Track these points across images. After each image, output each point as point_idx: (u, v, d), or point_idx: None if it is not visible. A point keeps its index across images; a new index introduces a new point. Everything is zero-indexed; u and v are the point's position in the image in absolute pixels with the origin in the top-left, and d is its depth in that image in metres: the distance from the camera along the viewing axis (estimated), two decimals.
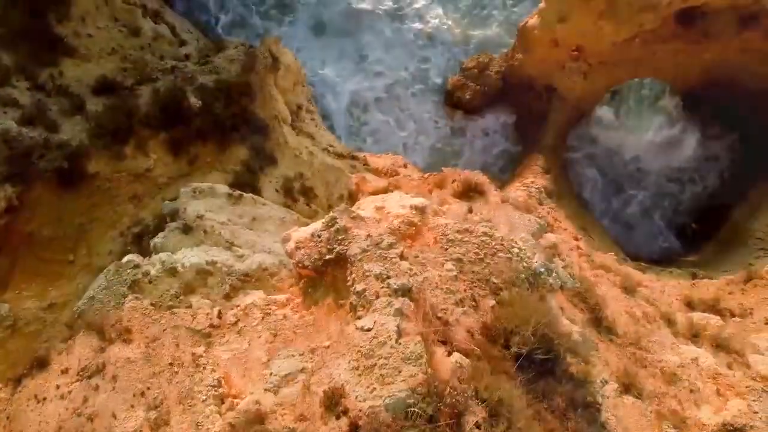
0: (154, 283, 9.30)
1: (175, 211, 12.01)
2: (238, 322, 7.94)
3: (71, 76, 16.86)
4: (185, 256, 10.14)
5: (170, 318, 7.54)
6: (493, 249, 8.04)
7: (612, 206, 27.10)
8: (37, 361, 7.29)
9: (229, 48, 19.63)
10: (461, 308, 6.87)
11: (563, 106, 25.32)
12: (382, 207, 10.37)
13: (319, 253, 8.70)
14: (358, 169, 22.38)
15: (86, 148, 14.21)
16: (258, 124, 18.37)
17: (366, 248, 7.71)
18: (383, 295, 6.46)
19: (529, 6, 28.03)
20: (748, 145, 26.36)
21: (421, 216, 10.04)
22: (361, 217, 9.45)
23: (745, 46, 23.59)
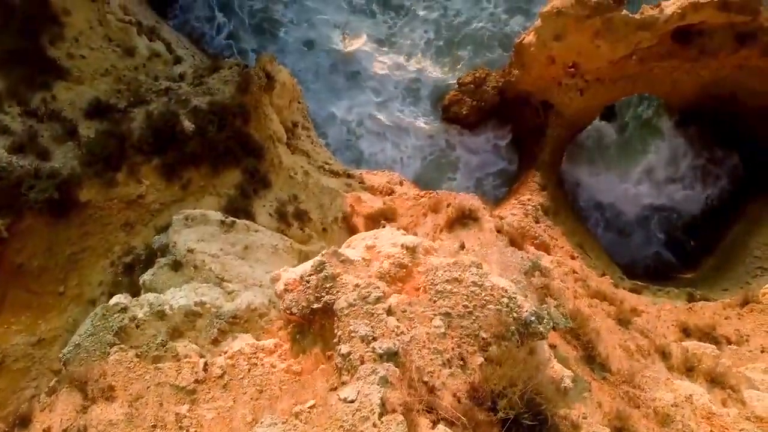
0: (141, 328, 9.20)
1: (165, 247, 11.89)
2: (224, 375, 7.84)
3: (64, 100, 16.77)
4: (174, 297, 10.04)
5: (155, 374, 7.44)
6: (483, 300, 7.95)
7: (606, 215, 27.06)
8: (19, 418, 7.20)
9: (223, 68, 19.52)
10: (448, 369, 6.78)
11: (560, 122, 25.24)
12: (373, 246, 10.28)
13: (307, 301, 8.60)
14: (354, 187, 22.29)
15: (78, 176, 14.13)
16: (252, 146, 18.25)
17: (353, 302, 7.62)
18: (368, 361, 6.37)
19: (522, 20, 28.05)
20: (746, 161, 26.27)
21: (411, 256, 9.95)
22: (350, 260, 9.36)
23: (742, 63, 23.54)
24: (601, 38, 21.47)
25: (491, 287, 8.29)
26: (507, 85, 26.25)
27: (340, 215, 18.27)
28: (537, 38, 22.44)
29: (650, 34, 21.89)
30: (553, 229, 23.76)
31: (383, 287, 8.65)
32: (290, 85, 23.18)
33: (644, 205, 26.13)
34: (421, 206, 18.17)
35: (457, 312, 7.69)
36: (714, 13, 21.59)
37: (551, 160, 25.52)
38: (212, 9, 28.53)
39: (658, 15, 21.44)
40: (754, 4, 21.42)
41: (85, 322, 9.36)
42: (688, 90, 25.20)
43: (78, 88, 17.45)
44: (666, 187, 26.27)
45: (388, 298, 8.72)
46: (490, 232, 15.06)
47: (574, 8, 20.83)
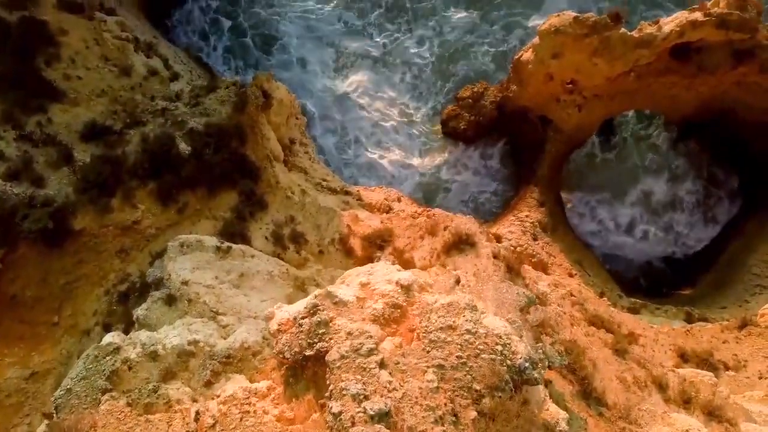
0: (134, 370, 9.14)
1: (160, 280, 11.82)
2: (216, 425, 7.77)
3: (60, 123, 16.72)
4: (167, 335, 9.98)
5: (145, 427, 7.38)
6: (476, 350, 7.88)
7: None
8: None
9: (220, 88, 19.46)
10: (441, 427, 6.72)
11: (558, 138, 25.16)
12: (368, 283, 10.23)
13: (300, 346, 8.56)
14: (351, 204, 22.19)
15: (72, 203, 14.07)
16: (249, 167, 18.18)
17: (345, 354, 7.56)
18: (359, 423, 6.31)
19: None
20: (745, 176, 26.20)
21: (406, 294, 9.91)
22: (343, 301, 9.31)
23: (740, 79, 23.48)
24: (599, 56, 21.41)
25: (485, 334, 8.22)
26: (505, 100, 26.17)
27: (336, 236, 18.15)
28: (535, 56, 22.38)
29: (648, 52, 21.82)
30: (552, 245, 23.68)
31: (376, 333, 8.59)
32: (288, 101, 23.10)
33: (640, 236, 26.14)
34: (418, 227, 18.07)
35: (450, 363, 7.62)
36: (712, 30, 21.53)
37: (550, 176, 25.43)
38: (208, 23, 28.47)
39: (657, 33, 21.38)
40: (752, 22, 21.35)
41: (77, 363, 9.29)
42: (686, 105, 25.13)
43: (74, 110, 17.40)
44: (664, 213, 26.20)
45: (382, 342, 8.67)
46: (487, 258, 15.01)
47: (572, 27, 20.76)
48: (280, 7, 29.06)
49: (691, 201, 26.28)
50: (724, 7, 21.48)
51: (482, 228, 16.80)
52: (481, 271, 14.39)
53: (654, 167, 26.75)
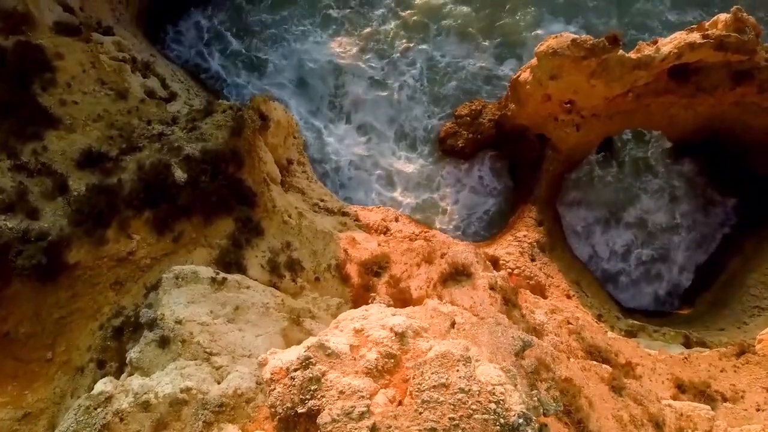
0: (125, 422, 9.09)
1: (153, 321, 11.76)
2: None
3: (55, 150, 16.66)
4: (159, 382, 9.92)
5: None
6: (469, 410, 7.83)
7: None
8: None
9: (216, 112, 19.36)
10: None
11: (556, 156, 25.12)
12: (362, 330, 10.19)
13: (292, 402, 8.50)
14: (349, 225, 22.15)
15: (67, 236, 14.00)
16: (245, 192, 18.13)
17: (336, 418, 7.51)
18: None
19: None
20: (744, 195, 26.15)
21: (401, 342, 9.87)
22: (336, 353, 9.26)
23: (739, 99, 23.44)
24: (597, 78, 21.35)
25: (479, 392, 8.17)
26: (503, 118, 26.12)
27: (333, 262, 18.11)
28: (533, 76, 22.32)
29: (646, 73, 21.76)
30: (550, 265, 23.63)
31: (369, 388, 8.55)
32: (285, 122, 23.07)
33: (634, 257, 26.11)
34: (415, 252, 18.03)
35: (443, 426, 7.57)
36: (711, 52, 21.47)
37: (547, 194, 25.39)
38: (205, 40, 28.44)
39: (655, 54, 21.32)
40: (750, 44, 21.29)
41: (68, 414, 9.23)
42: (685, 124, 25.07)
43: (70, 137, 17.33)
44: (661, 234, 26.15)
45: (375, 395, 8.62)
46: (483, 290, 14.97)
47: (570, 49, 20.70)
48: (278, 26, 29.01)
49: (688, 222, 26.21)
50: (722, 29, 21.44)
51: (478, 256, 16.74)
52: (477, 305, 14.36)
53: (652, 188, 26.69)
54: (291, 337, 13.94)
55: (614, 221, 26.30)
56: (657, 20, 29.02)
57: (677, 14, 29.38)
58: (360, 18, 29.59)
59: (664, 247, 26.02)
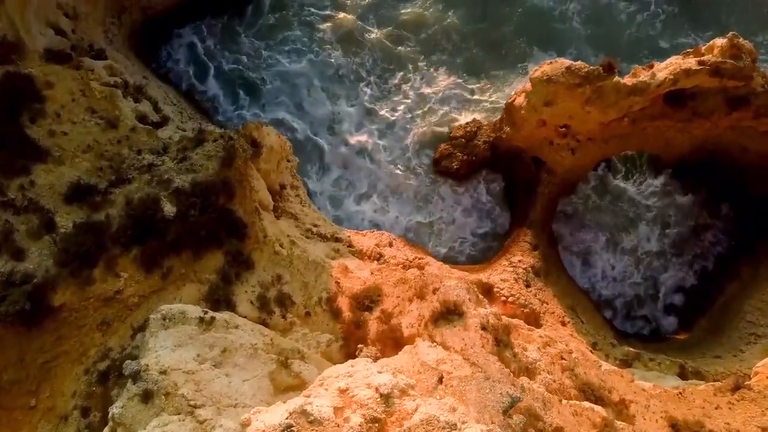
0: None
1: (137, 373, 11.58)
2: None
3: (43, 184, 16.50)
4: None
5: None
6: None
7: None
8: None
9: (207, 141, 19.20)
10: None
11: (552, 180, 24.96)
12: (346, 390, 10.05)
13: None
14: (342, 252, 21.99)
15: (52, 278, 13.82)
16: (236, 223, 17.95)
17: None
18: None
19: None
20: (741, 219, 26.00)
21: (386, 404, 9.75)
22: (319, 420, 9.09)
23: (735, 123, 23.29)
24: (592, 105, 21.20)
25: None
26: (498, 141, 25.97)
27: (324, 295, 17.93)
28: (527, 102, 22.17)
29: (642, 99, 21.61)
30: (545, 291, 23.46)
31: None
32: (278, 146, 22.87)
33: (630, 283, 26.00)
34: (407, 286, 17.84)
35: None
36: (706, 78, 21.32)
37: (543, 218, 25.21)
38: (198, 61, 28.29)
39: (650, 81, 21.17)
40: (746, 70, 21.13)
41: None
42: (681, 147, 24.95)
43: (58, 170, 17.16)
44: (656, 257, 26.02)
45: None
46: (475, 331, 14.76)
47: (565, 77, 20.54)
48: (271, 48, 28.89)
49: (683, 244, 26.07)
50: (718, 54, 21.29)
51: (471, 291, 16.54)
52: (468, 348, 14.15)
53: (646, 210, 26.54)
54: (279, 380, 13.76)
55: (611, 245, 26.13)
56: (648, 48, 28.87)
57: (670, 38, 29.23)
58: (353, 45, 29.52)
59: (658, 270, 25.85)
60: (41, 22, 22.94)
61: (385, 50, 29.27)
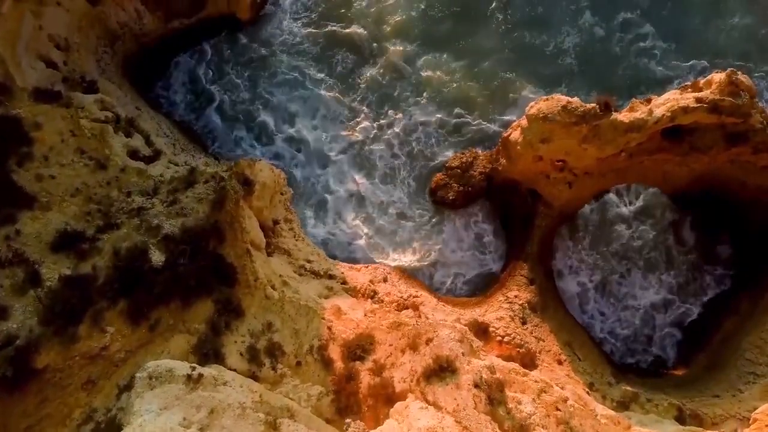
0: None
1: None
2: None
3: (29, 233, 16.21)
4: None
5: None
6: None
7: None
8: None
9: (198, 182, 18.92)
10: None
11: (548, 213, 24.69)
12: None
13: None
14: (335, 290, 21.71)
15: (36, 339, 13.52)
16: (226, 269, 17.67)
17: None
18: None
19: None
20: (739, 252, 25.73)
21: None
22: None
23: (734, 158, 23.02)
24: (589, 143, 20.93)
25: None
26: (494, 172, 25.70)
27: (316, 343, 17.63)
28: (523, 138, 21.89)
29: (639, 135, 21.34)
30: (541, 327, 23.18)
31: None
32: (272, 181, 22.59)
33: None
34: (401, 334, 17.54)
35: None
36: (704, 115, 21.05)
37: (540, 251, 24.92)
38: (192, 92, 28.06)
39: (648, 117, 20.89)
40: (745, 108, 20.85)
41: None
42: (679, 180, 24.67)
43: (45, 217, 16.88)
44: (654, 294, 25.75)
45: None
46: (467, 390, 14.54)
47: (561, 116, 20.28)
48: (265, 78, 28.67)
49: (681, 277, 25.81)
50: (716, 90, 21.01)
51: (465, 341, 16.28)
52: (461, 409, 13.91)
53: (645, 243, 26.30)
54: None
55: (609, 279, 25.88)
56: (644, 79, 28.59)
57: (665, 68, 28.96)
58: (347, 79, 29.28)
59: (656, 305, 25.58)
60: (32, 56, 22.70)
61: (377, 83, 29.02)
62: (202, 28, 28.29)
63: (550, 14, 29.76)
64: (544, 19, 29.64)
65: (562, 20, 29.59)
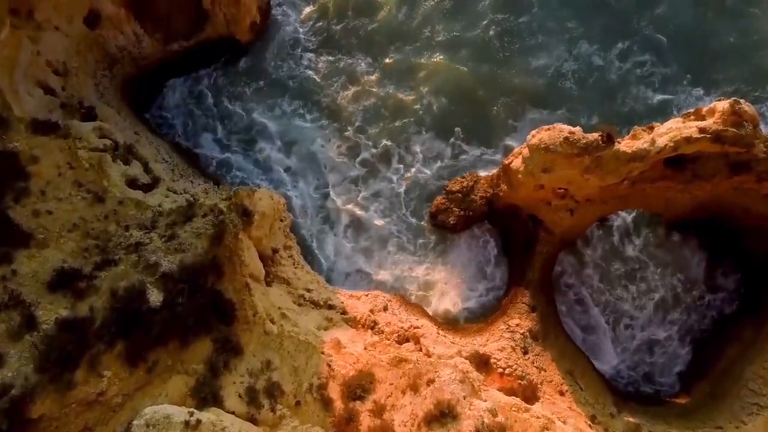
0: None
1: None
2: None
3: (25, 274, 16.00)
4: None
5: None
6: None
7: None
8: None
9: (197, 216, 18.72)
10: None
11: (550, 239, 24.51)
12: None
13: None
14: (335, 321, 21.51)
15: (31, 388, 13.32)
16: (224, 306, 17.52)
17: None
18: None
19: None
20: (743, 278, 25.55)
21: None
22: None
23: (737, 186, 22.83)
24: (591, 173, 20.75)
25: None
26: (495, 197, 25.52)
27: (315, 381, 17.44)
28: (525, 167, 21.70)
29: (642, 164, 21.17)
30: (542, 356, 23.00)
31: None
32: (271, 210, 22.40)
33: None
34: (401, 372, 17.34)
35: None
36: (708, 145, 20.87)
37: (541, 277, 24.73)
38: (191, 117, 27.92)
39: (650, 147, 20.69)
40: (748, 138, 20.65)
41: None
42: (682, 206, 24.48)
43: (42, 254, 16.68)
44: (657, 319, 25.58)
45: None
46: None
47: (563, 147, 20.09)
48: (265, 103, 28.50)
49: (685, 302, 25.65)
50: (719, 120, 20.81)
51: (467, 381, 16.10)
52: None
53: (647, 271, 26.13)
54: None
55: (612, 304, 25.74)
56: (645, 105, 28.39)
57: (665, 92, 28.74)
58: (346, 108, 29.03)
59: (659, 331, 25.40)
60: (30, 82, 22.55)
61: (375, 112, 28.82)
62: (202, 51, 28.11)
63: (547, 43, 29.54)
64: (542, 47, 29.41)
65: (560, 48, 29.32)
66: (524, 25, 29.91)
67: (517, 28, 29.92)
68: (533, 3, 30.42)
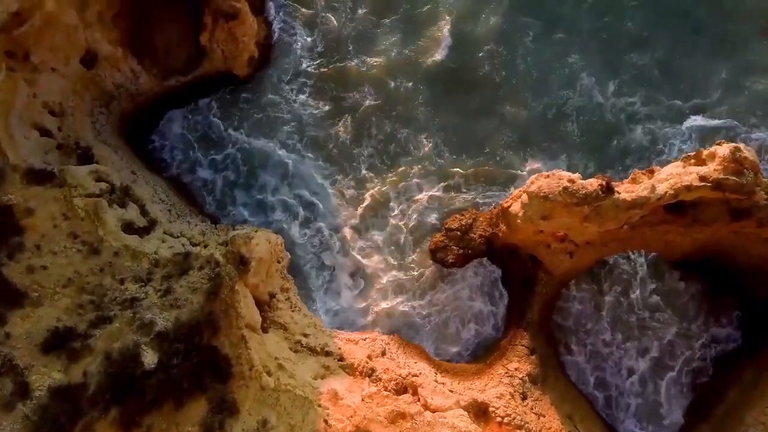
0: None
1: None
2: None
3: (19, 335, 15.89)
4: None
5: None
6: None
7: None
8: None
9: (193, 268, 18.59)
10: None
11: (549, 280, 24.37)
12: None
13: None
14: (332, 369, 21.30)
15: None
16: (220, 363, 17.36)
17: None
18: None
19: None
20: (743, 319, 25.40)
21: None
22: None
23: (738, 230, 22.69)
24: (591, 221, 20.61)
25: None
26: (494, 236, 25.35)
27: None
28: (523, 213, 21.54)
29: (642, 211, 21.04)
30: (542, 400, 22.83)
31: None
32: (268, 254, 22.21)
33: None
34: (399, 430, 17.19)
35: None
36: (708, 192, 20.74)
37: (540, 319, 24.56)
38: (189, 152, 27.78)
39: (650, 195, 20.53)
40: (749, 186, 20.51)
41: None
42: (683, 248, 24.32)
43: (36, 314, 16.57)
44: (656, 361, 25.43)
45: None
46: None
47: (562, 196, 19.94)
48: (264, 137, 28.35)
49: (685, 343, 25.50)
50: (719, 169, 20.67)
51: None
52: None
53: (646, 311, 26.00)
54: None
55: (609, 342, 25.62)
56: (641, 146, 28.13)
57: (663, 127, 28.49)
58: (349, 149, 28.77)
59: (659, 372, 25.26)
60: (26, 125, 22.35)
61: (377, 154, 28.57)
62: (200, 85, 27.96)
63: (545, 77, 29.10)
64: (542, 81, 29.02)
65: (561, 84, 28.88)
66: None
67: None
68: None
